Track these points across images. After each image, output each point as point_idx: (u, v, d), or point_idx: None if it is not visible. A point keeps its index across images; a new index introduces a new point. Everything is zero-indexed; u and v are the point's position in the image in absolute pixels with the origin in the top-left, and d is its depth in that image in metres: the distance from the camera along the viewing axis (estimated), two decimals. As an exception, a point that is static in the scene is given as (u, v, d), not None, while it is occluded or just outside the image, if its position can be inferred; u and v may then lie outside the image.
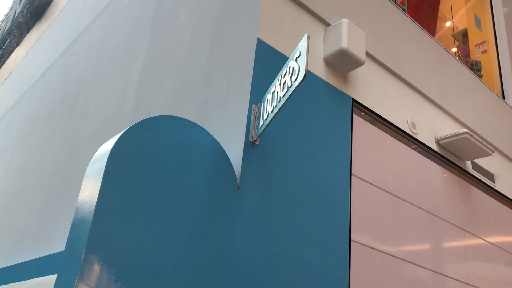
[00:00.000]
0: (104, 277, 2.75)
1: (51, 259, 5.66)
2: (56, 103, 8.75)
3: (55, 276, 4.63)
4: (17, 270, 6.46)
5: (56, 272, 4.97)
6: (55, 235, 6.13)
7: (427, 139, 5.48)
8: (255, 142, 3.71)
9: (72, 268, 2.74)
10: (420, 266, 4.83)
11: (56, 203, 6.62)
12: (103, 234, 2.81)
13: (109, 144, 3.11)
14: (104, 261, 2.77)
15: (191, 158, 3.37)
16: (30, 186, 8.10)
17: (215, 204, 3.39)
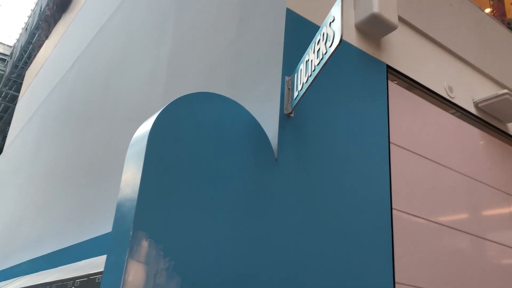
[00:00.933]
0: (153, 253, 2.80)
1: (96, 242, 5.83)
2: (88, 91, 8.90)
3: (101, 257, 4.78)
4: (64, 254, 6.70)
5: (101, 254, 5.14)
6: (97, 219, 6.30)
7: (465, 102, 5.31)
8: (290, 114, 3.67)
9: (121, 245, 2.81)
10: (463, 232, 4.74)
11: (97, 188, 6.79)
12: (148, 211, 2.86)
13: (148, 124, 3.14)
14: (152, 237, 2.82)
15: (228, 133, 3.37)
16: (70, 173, 8.33)
17: (254, 178, 3.39)
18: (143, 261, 2.76)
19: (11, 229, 11.75)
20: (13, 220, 11.93)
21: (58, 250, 7.23)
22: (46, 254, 7.84)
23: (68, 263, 6.09)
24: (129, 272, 2.70)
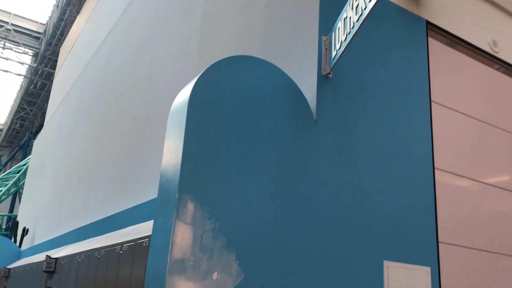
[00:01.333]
0: (198, 215, 2.87)
1: (139, 209, 6.01)
2: (123, 63, 9.00)
3: (145, 223, 4.94)
4: (109, 222, 6.95)
5: (145, 220, 5.30)
6: (139, 187, 6.48)
7: (511, 57, 5.08)
8: (328, 75, 3.61)
9: (168, 209, 2.88)
10: (508, 191, 4.62)
11: (136, 157, 6.95)
12: (192, 175, 2.91)
13: (186, 90, 3.16)
14: (197, 200, 2.88)
15: (266, 96, 3.35)
16: (109, 144, 8.54)
17: (293, 140, 3.38)
18: (189, 223, 2.83)
19: (56, 202, 12.26)
20: (57, 193, 12.42)
21: (103, 219, 7.51)
22: (91, 223, 8.16)
23: (113, 230, 6.32)
24: (177, 233, 2.78)
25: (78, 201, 9.79)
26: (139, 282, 3.72)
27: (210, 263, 2.84)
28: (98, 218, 7.77)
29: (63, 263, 6.18)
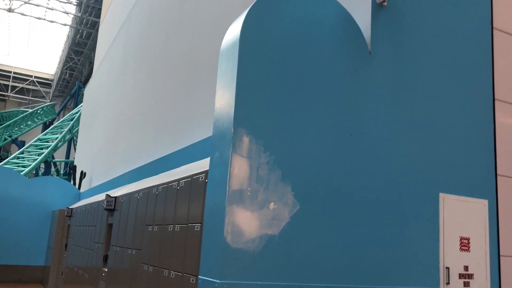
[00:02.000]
0: (254, 148, 2.92)
1: (191, 149, 6.19)
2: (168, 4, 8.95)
3: (199, 162, 5.08)
4: (163, 163, 7.22)
5: (199, 159, 5.45)
6: (191, 127, 6.62)
7: None
8: (383, 3, 3.44)
9: (224, 143, 2.94)
10: None
11: (187, 98, 7.06)
12: (247, 109, 2.93)
13: (237, 24, 3.11)
14: (252, 134, 2.92)
15: (319, 26, 3.26)
16: (159, 86, 8.69)
17: (348, 72, 3.31)
18: (245, 156, 2.89)
19: (110, 145, 12.79)
20: (110, 137, 12.93)
21: (156, 160, 7.79)
22: (145, 164, 8.50)
23: (167, 170, 6.56)
24: (234, 166, 2.85)
25: (132, 144, 10.17)
26: (196, 215, 3.89)
27: (266, 194, 2.91)
28: (151, 159, 8.07)
29: (122, 201, 6.53)
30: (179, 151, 6.71)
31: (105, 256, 7.14)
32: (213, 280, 2.74)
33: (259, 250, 2.83)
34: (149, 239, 5.06)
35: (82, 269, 8.75)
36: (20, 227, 13.60)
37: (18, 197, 13.75)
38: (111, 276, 6.42)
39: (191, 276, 3.83)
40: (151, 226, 5.10)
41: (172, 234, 4.41)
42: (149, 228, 5.13)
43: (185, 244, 4.05)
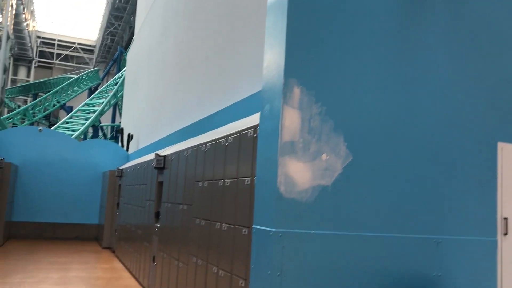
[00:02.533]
0: (305, 99, 2.89)
1: (237, 107, 6.22)
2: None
3: (246, 119, 5.11)
4: (209, 121, 7.31)
5: (245, 116, 5.48)
6: (235, 84, 6.63)
7: None
8: None
9: (275, 95, 2.93)
10: None
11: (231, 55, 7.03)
12: (297, 59, 2.89)
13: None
14: (303, 84, 2.89)
15: (370, -29, 3.12)
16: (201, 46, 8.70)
17: (403, 14, 3.18)
18: (296, 107, 2.87)
19: (155, 107, 13.05)
20: (155, 99, 13.18)
21: (202, 119, 7.90)
22: (191, 124, 8.64)
23: (213, 129, 6.65)
24: (285, 117, 2.85)
25: (176, 105, 10.33)
26: (246, 169, 3.95)
27: (318, 145, 2.91)
28: (197, 119, 8.19)
29: (171, 159, 6.71)
30: (224, 110, 6.77)
31: (156, 212, 7.43)
32: (268, 229, 2.80)
33: (312, 200, 2.85)
34: (200, 194, 5.21)
35: (134, 226, 9.16)
36: (75, 188, 14.31)
37: (71, 159, 14.41)
38: (163, 231, 6.70)
39: (242, 227, 3.93)
40: (201, 182, 5.24)
41: (223, 188, 4.51)
42: (199, 184, 5.27)
43: (236, 197, 4.14)
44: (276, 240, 2.74)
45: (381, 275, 2.96)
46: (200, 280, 4.80)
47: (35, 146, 14.04)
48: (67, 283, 7.85)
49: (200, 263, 4.88)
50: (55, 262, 9.90)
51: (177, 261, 5.77)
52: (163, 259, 6.52)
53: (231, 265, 4.08)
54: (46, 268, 9.15)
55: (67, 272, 8.88)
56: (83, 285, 7.77)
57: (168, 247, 6.35)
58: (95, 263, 10.31)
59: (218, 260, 4.40)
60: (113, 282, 8.22)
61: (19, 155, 13.72)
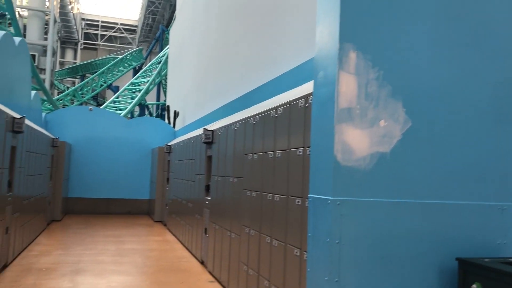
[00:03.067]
0: (361, 64, 2.80)
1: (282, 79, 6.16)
2: None
3: (294, 90, 5.05)
4: (255, 95, 7.29)
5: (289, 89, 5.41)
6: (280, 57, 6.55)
7: None
8: None
9: (329, 60, 2.86)
10: None
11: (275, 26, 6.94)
12: (353, 23, 2.80)
13: None
14: (359, 49, 2.80)
15: None
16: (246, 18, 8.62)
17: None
18: (353, 73, 2.79)
19: (200, 83, 13.16)
20: (199, 75, 13.28)
21: (248, 93, 7.89)
22: (237, 98, 8.66)
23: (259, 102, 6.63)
24: (341, 83, 2.78)
25: (221, 80, 10.37)
26: (297, 140, 3.92)
27: (376, 111, 2.83)
28: (242, 93, 8.19)
29: (220, 134, 6.78)
30: (270, 82, 6.72)
31: (207, 186, 7.57)
32: (325, 197, 2.78)
33: (370, 167, 2.80)
34: (250, 167, 5.24)
35: (185, 200, 9.39)
36: (125, 165, 14.79)
37: (121, 137, 14.85)
38: (214, 203, 6.83)
39: (296, 198, 3.93)
40: (250, 155, 5.26)
41: (273, 160, 4.52)
42: (249, 157, 5.30)
43: (288, 168, 4.14)
44: (334, 208, 2.72)
45: (442, 243, 2.89)
46: (254, 250, 4.87)
47: (86, 125, 14.55)
48: (123, 254, 8.20)
49: (253, 233, 4.95)
50: (111, 235, 10.34)
51: (229, 232, 5.88)
52: (215, 230, 6.67)
53: (285, 235, 4.11)
54: (103, 241, 9.59)
55: (123, 244, 9.26)
56: (138, 257, 8.09)
57: (219, 219, 6.47)
58: (148, 236, 10.70)
59: (271, 231, 4.44)
60: (167, 253, 8.51)
61: (72, 134, 14.28)
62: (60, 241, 9.37)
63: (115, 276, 6.60)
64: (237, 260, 5.47)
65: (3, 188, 6.13)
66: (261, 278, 4.62)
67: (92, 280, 6.26)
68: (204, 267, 7.33)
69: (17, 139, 6.87)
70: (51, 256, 7.78)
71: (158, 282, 6.36)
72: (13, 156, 6.79)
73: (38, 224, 9.68)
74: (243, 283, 5.19)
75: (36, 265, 7.06)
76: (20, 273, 6.47)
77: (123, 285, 6.13)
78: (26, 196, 7.91)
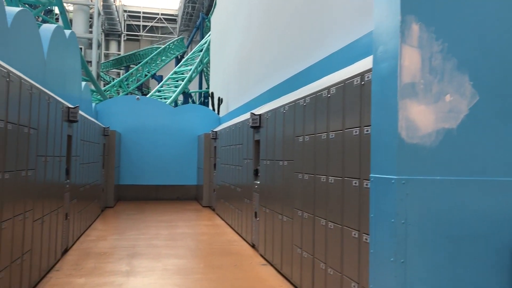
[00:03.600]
0: (425, 36, 2.68)
1: (330, 60, 6.02)
2: None
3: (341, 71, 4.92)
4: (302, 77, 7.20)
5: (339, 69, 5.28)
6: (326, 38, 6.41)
7: None
8: None
9: (390, 34, 2.74)
10: None
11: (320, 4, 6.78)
12: (415, -7, 2.67)
13: None
14: (422, 20, 2.67)
15: None
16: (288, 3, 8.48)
17: None
18: (416, 46, 2.67)
19: (243, 69, 13.15)
20: (243, 60, 13.26)
21: (293, 76, 7.80)
22: (282, 82, 8.58)
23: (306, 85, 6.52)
24: (404, 57, 2.66)
25: (266, 63, 10.30)
26: (353, 119, 3.82)
27: (441, 86, 2.70)
28: (288, 76, 8.11)
29: (267, 117, 6.74)
30: (317, 64, 6.60)
31: (255, 170, 7.58)
32: (389, 176, 2.69)
33: (436, 144, 2.68)
34: (301, 149, 5.18)
35: (233, 185, 9.47)
36: (173, 152, 15.08)
37: (167, 125, 15.13)
38: (264, 187, 6.83)
39: (352, 179, 3.85)
40: (301, 137, 5.20)
41: (327, 141, 4.44)
42: (300, 139, 5.24)
43: (343, 149, 4.05)
44: (399, 188, 2.63)
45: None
46: (308, 233, 4.84)
47: (134, 114, 14.90)
48: (175, 238, 8.39)
49: (306, 216, 4.91)
50: (162, 220, 10.61)
51: (281, 216, 5.87)
52: (265, 214, 6.68)
53: (341, 217, 4.04)
54: (155, 225, 9.84)
55: (174, 229, 9.48)
56: (190, 241, 8.25)
57: (270, 202, 6.47)
58: (198, 220, 10.89)
59: (326, 213, 4.39)
60: (218, 237, 8.63)
61: (120, 123, 14.67)
62: (115, 227, 9.70)
63: (169, 259, 6.76)
64: (290, 243, 5.46)
65: (61, 176, 6.37)
66: (317, 261, 4.59)
67: (148, 264, 6.45)
68: (255, 250, 7.39)
69: (72, 128, 7.11)
70: (107, 241, 8.07)
71: (212, 265, 6.46)
72: (69, 145, 7.04)
73: (93, 210, 10.06)
74: (297, 265, 5.18)
75: (94, 249, 7.34)
76: (80, 257, 6.75)
77: (178, 267, 6.27)
78: (82, 183, 8.21)
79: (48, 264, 5.73)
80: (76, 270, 5.99)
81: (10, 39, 5.78)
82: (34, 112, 4.83)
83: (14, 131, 4.19)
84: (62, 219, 6.56)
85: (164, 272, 6.04)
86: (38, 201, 5.08)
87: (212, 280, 5.70)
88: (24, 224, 4.57)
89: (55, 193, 6.00)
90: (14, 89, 4.16)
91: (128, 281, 5.58)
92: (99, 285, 5.35)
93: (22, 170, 4.46)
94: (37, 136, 4.97)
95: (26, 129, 4.57)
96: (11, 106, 4.08)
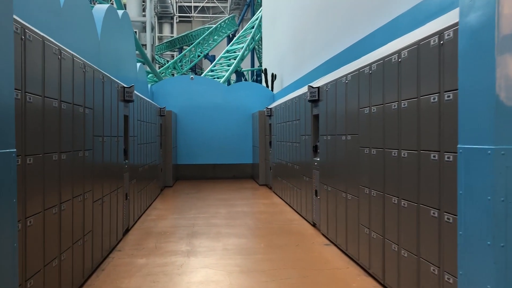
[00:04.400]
0: (529, -24, 2.21)
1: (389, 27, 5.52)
2: None
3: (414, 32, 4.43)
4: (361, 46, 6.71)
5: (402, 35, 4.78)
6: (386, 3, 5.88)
7: None
8: None
9: (483, -23, 2.30)
10: None
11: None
12: None
13: None
14: (526, -44, 2.20)
15: None
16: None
17: None
18: (517, -11, 2.21)
19: (298, 42, 12.68)
20: (297, 33, 12.78)
21: (352, 46, 7.31)
22: (339, 53, 8.10)
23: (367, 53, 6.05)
24: (503, 3, 2.22)
25: (322, 34, 9.82)
26: (430, 85, 3.39)
27: (550, 36, 2.23)
28: (348, 44, 7.62)
29: (327, 90, 6.34)
30: (379, 30, 6.08)
31: (314, 146, 7.23)
32: (484, 147, 2.28)
33: (543, 107, 2.24)
34: (367, 122, 4.78)
35: (290, 162, 9.18)
36: (228, 131, 14.99)
37: (222, 103, 15.02)
38: (324, 164, 6.49)
39: (430, 152, 3.43)
40: (367, 109, 4.79)
41: (398, 112, 4.01)
42: (365, 111, 4.83)
43: (418, 119, 3.63)
44: (497, 160, 2.23)
45: None
46: (377, 212, 4.48)
47: (189, 94, 14.90)
48: (234, 217, 8.27)
49: (375, 194, 4.54)
50: (220, 199, 10.55)
51: (344, 194, 5.52)
52: (327, 192, 6.35)
53: (417, 194, 3.65)
54: (213, 204, 9.79)
55: (233, 207, 9.37)
56: (249, 219, 8.10)
57: (331, 180, 6.13)
58: (256, 199, 10.74)
59: (398, 190, 4.00)
60: (277, 216, 8.42)
61: (176, 103, 14.72)
62: (174, 206, 9.74)
63: (229, 238, 6.62)
64: (356, 222, 5.12)
65: (120, 156, 6.35)
66: (387, 242, 4.23)
67: (209, 243, 6.34)
68: (317, 229, 7.10)
69: (128, 108, 7.07)
70: (167, 220, 8.08)
71: (273, 245, 6.25)
72: (126, 125, 7.01)
73: (152, 190, 10.15)
74: (365, 246, 4.84)
75: (154, 229, 7.35)
76: (141, 236, 6.77)
77: (238, 247, 6.11)
78: (140, 163, 8.23)
79: (110, 244, 5.75)
80: (137, 250, 5.98)
81: (63, 20, 5.73)
82: (88, 91, 4.73)
83: (69, 111, 4.10)
84: (122, 199, 6.57)
85: (224, 252, 5.90)
86: (97, 181, 5.05)
87: (274, 260, 5.49)
88: (83, 205, 4.53)
89: (114, 174, 5.98)
90: (66, 68, 4.06)
91: (189, 261, 5.48)
92: (160, 266, 5.28)
93: (79, 151, 4.39)
94: (92, 116, 4.89)
95: (81, 108, 4.48)
96: (64, 85, 3.98)
